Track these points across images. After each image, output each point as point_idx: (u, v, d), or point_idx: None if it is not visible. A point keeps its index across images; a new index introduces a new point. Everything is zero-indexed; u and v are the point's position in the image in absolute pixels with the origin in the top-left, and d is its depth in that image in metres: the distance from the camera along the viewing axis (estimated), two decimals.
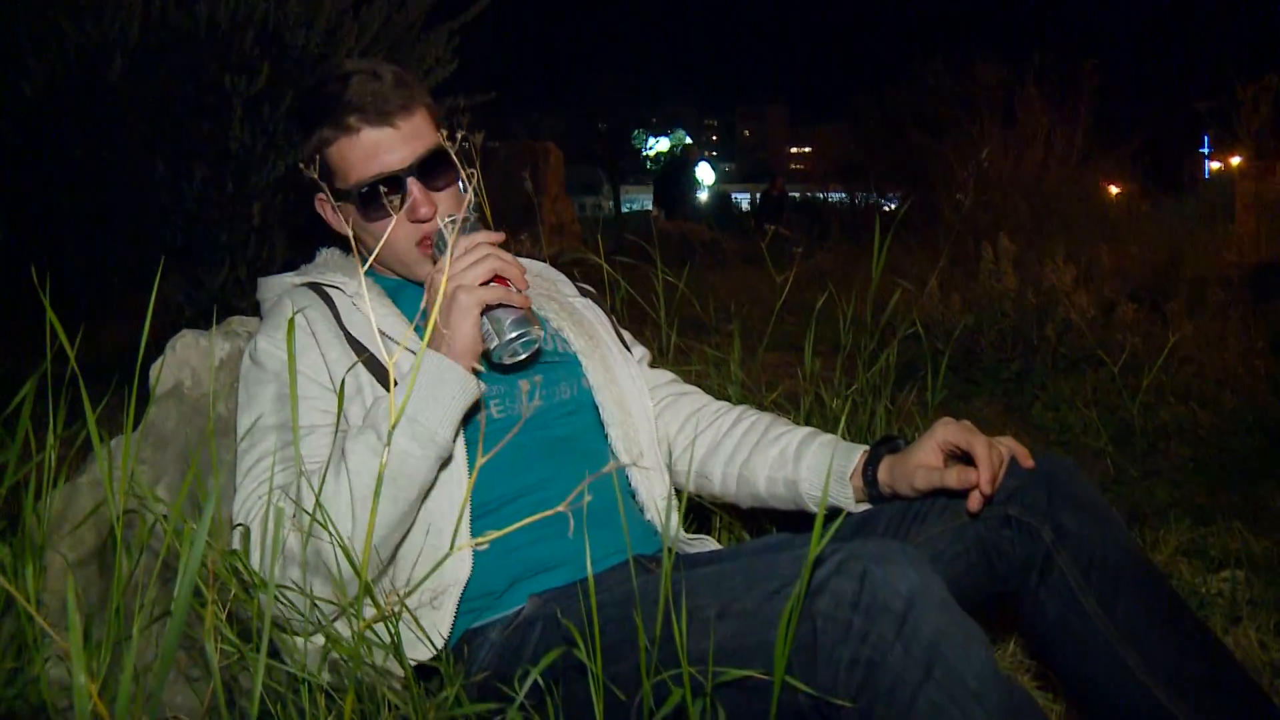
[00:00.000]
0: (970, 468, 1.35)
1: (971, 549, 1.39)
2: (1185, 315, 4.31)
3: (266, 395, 1.40)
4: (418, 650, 1.26)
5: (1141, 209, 7.42)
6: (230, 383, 1.64)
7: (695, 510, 1.91)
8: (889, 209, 11.30)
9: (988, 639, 1.03)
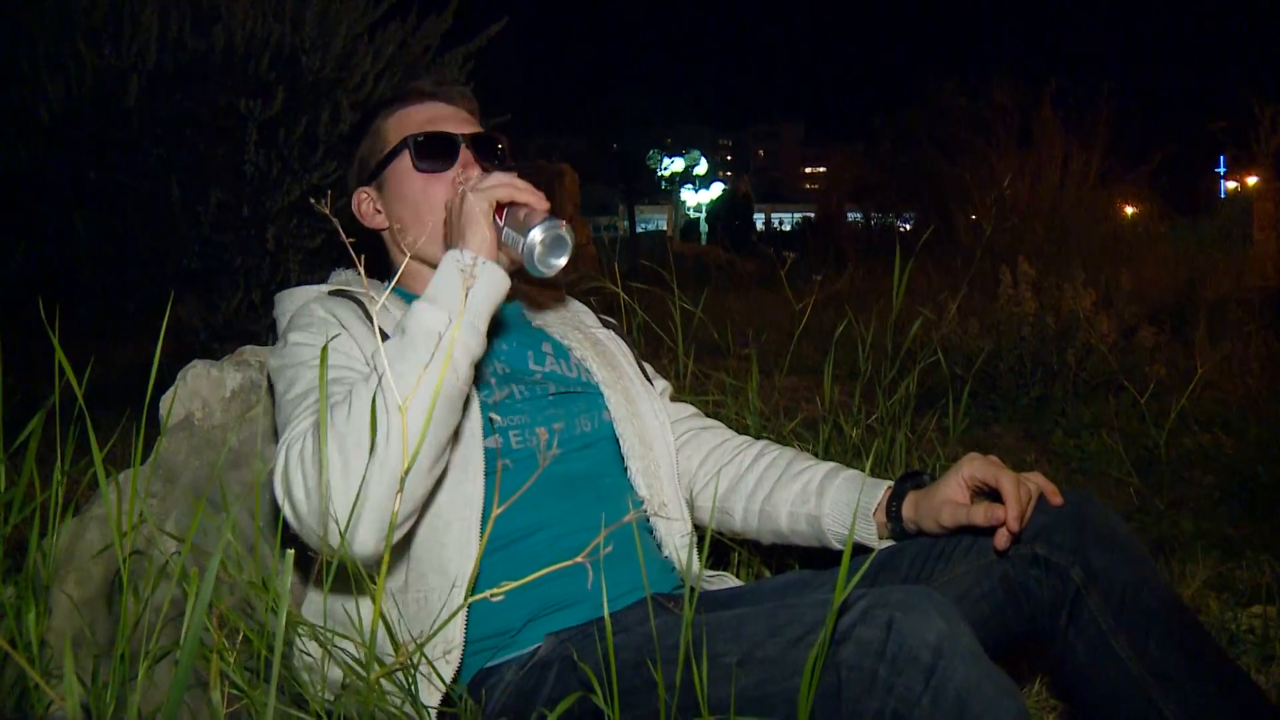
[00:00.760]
0: (997, 504, 1.32)
1: (998, 588, 1.35)
2: (1207, 339, 4.27)
3: (307, 377, 1.34)
4: (433, 697, 1.23)
5: (1159, 230, 7.38)
6: (242, 413, 1.62)
7: (714, 544, 1.87)
8: (905, 229, 11.28)
9: (1018, 690, 0.99)
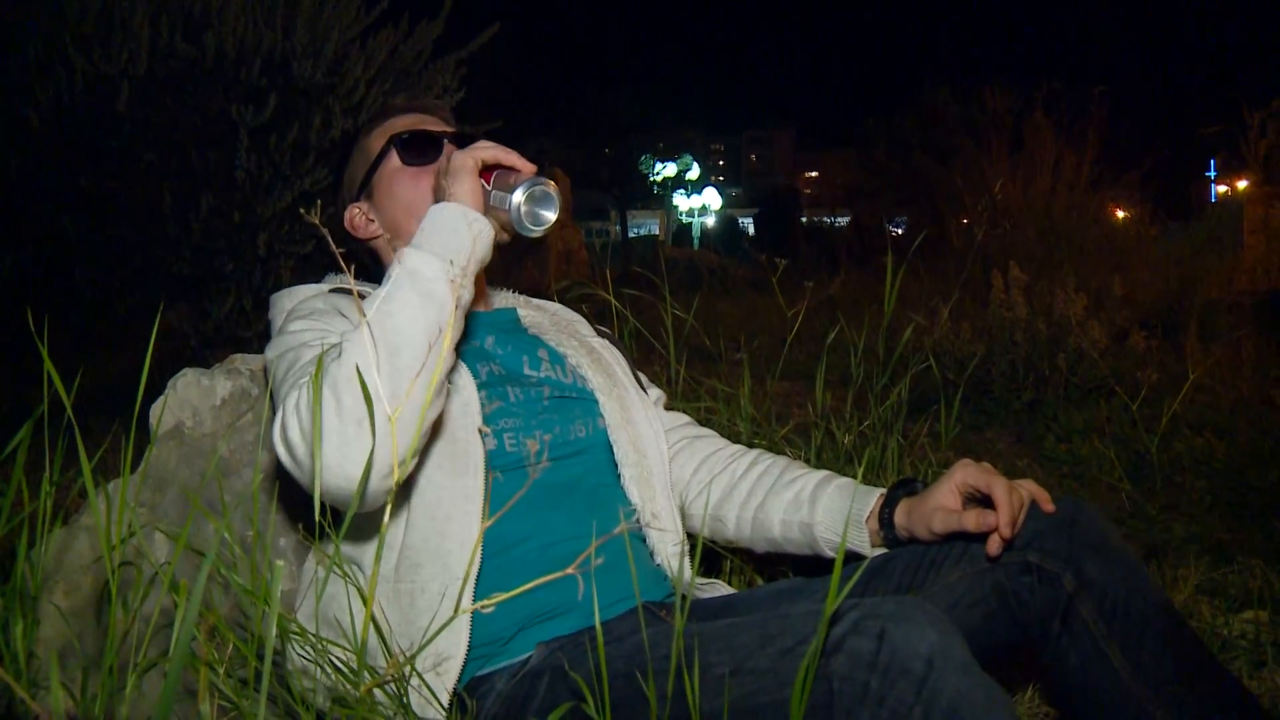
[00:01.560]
0: (989, 510, 1.32)
1: (991, 596, 1.35)
2: (1198, 344, 4.28)
3: (305, 344, 1.35)
4: (426, 710, 1.22)
5: (1150, 234, 7.39)
6: (232, 421, 1.61)
7: (706, 552, 1.87)
8: (897, 233, 11.29)
9: (1011, 701, 0.99)
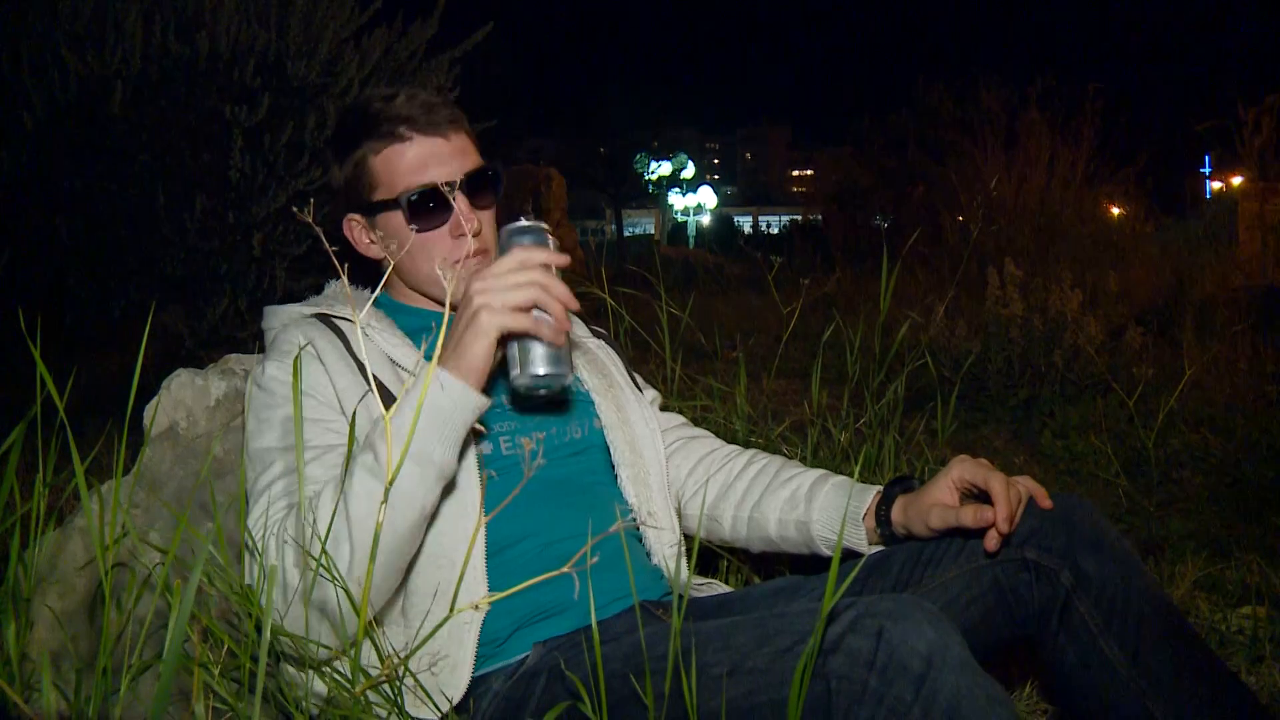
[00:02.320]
0: (987, 506, 1.31)
1: (989, 592, 1.35)
2: (1194, 340, 4.28)
3: (276, 419, 1.35)
4: (421, 710, 1.22)
5: (1145, 231, 7.40)
6: (226, 422, 1.61)
7: (703, 551, 1.86)
8: (883, 226, 11.27)
9: (1009, 698, 0.99)
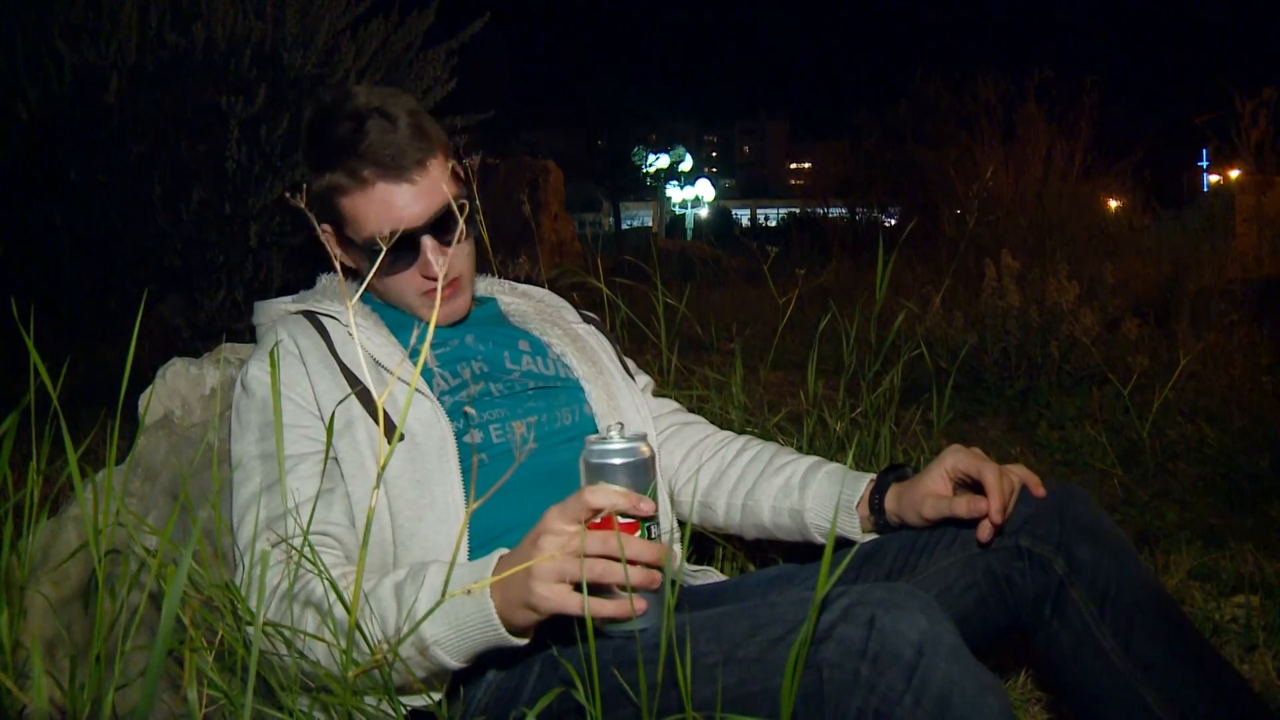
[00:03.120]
0: (980, 496, 1.31)
1: (982, 581, 1.35)
2: (1190, 331, 4.29)
3: (254, 423, 1.37)
4: (414, 699, 1.22)
5: (1142, 223, 7.40)
6: (222, 411, 1.61)
7: (697, 538, 1.87)
8: (890, 224, 11.29)
9: (1002, 687, 0.99)
